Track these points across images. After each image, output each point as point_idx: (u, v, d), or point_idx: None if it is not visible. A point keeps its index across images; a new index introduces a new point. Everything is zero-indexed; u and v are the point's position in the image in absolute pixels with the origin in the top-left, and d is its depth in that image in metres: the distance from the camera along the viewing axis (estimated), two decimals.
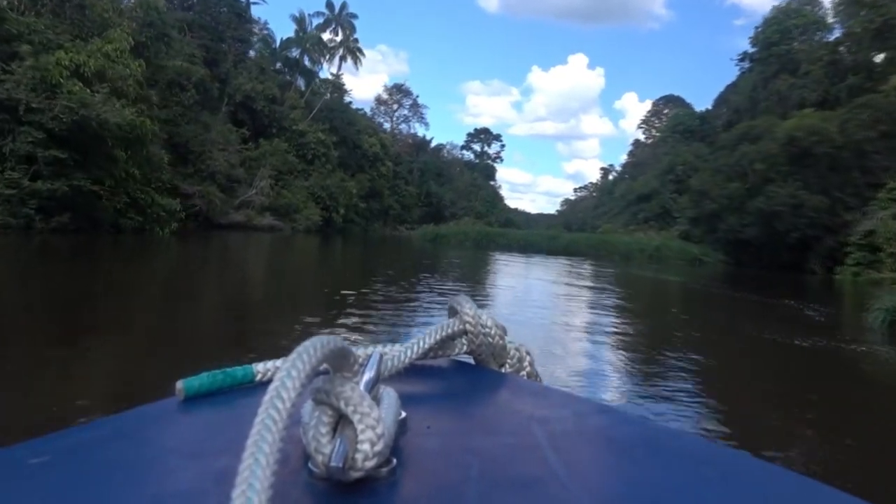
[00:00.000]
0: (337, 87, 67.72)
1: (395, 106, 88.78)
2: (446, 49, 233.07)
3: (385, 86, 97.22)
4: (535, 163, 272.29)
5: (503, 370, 0.80)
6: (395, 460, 0.48)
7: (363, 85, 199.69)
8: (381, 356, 0.57)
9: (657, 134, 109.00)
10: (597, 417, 0.61)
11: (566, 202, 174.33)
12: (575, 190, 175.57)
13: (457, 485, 0.46)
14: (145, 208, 26.04)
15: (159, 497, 0.45)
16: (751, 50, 75.80)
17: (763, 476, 0.49)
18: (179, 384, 0.64)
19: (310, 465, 0.46)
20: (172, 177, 39.71)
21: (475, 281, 19.47)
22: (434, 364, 0.78)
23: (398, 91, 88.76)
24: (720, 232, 45.36)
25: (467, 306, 0.77)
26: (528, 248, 45.99)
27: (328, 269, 21.50)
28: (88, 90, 21.57)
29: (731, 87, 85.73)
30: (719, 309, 16.71)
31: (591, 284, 21.53)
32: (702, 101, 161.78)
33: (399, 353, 0.66)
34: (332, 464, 0.43)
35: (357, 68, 62.69)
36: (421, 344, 0.70)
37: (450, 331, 0.75)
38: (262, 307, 11.12)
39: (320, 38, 60.76)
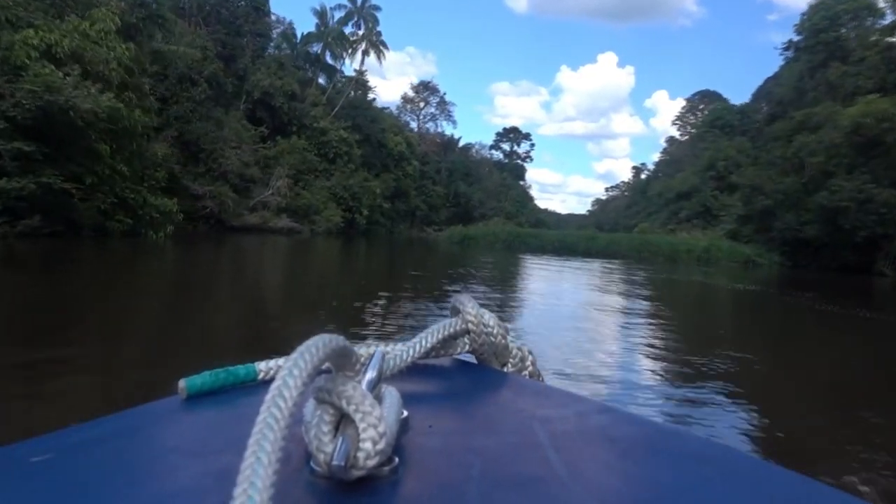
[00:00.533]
0: (361, 84, 64.69)
1: (422, 104, 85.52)
2: (474, 50, 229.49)
3: (411, 84, 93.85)
4: (564, 163, 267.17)
5: (505, 369, 0.80)
6: (396, 459, 0.48)
7: (391, 87, 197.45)
8: (384, 355, 0.57)
9: (692, 130, 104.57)
10: (599, 417, 0.61)
11: (597, 202, 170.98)
12: (606, 189, 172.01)
13: (458, 484, 0.46)
14: (136, 209, 22.95)
15: (161, 495, 0.45)
16: (796, 38, 70.72)
17: (765, 476, 0.49)
18: (182, 383, 0.64)
19: (312, 463, 0.46)
20: (182, 176, 37.05)
21: (507, 289, 16.09)
22: (436, 363, 0.78)
23: (425, 89, 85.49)
24: (775, 231, 40.97)
25: (469, 305, 0.77)
26: (562, 249, 42.24)
27: (344, 277, 18.42)
28: (61, 74, 18.51)
29: (772, 80, 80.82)
30: (807, 329, 12.92)
31: (644, 293, 17.86)
32: (738, 96, 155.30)
33: (401, 352, 0.66)
34: (334, 463, 0.43)
35: (381, 62, 59.54)
36: (423, 343, 0.70)
37: (452, 330, 0.75)
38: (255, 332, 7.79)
39: (342, 32, 57.73)
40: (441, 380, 0.75)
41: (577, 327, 10.22)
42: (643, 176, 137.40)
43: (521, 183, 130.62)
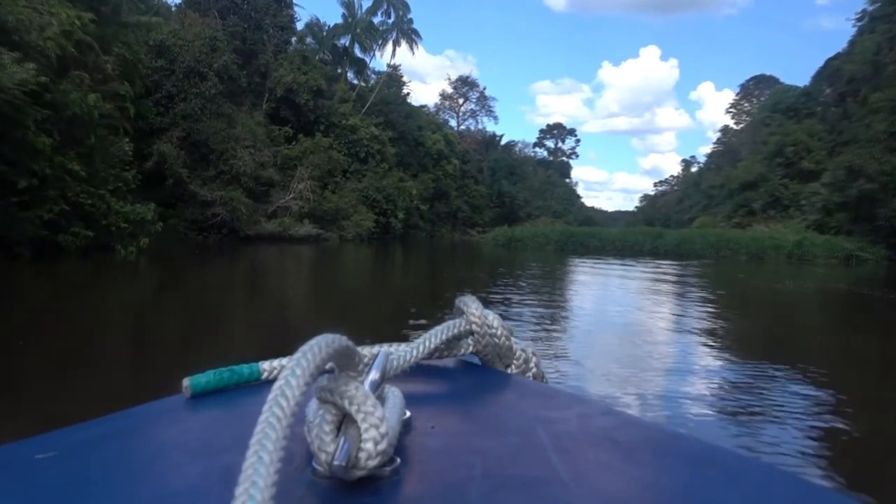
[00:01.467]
0: (395, 79, 59.39)
1: (461, 100, 79.75)
2: (514, 50, 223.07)
3: (448, 78, 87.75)
4: (609, 160, 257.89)
5: (509, 371, 0.79)
6: (398, 460, 0.47)
7: (432, 92, 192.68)
8: (387, 356, 0.57)
9: (747, 118, 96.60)
10: (602, 419, 0.60)
11: (645, 198, 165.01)
12: (655, 185, 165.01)
13: (460, 484, 0.45)
14: (98, 219, 17.84)
15: (164, 493, 0.45)
16: (870, 7, 62.32)
17: (768, 479, 0.48)
18: (186, 381, 0.64)
19: (313, 463, 0.46)
20: (190, 181, 32.23)
21: (572, 307, 10.46)
22: (440, 364, 0.77)
23: (464, 84, 79.68)
24: (880, 219, 33.82)
25: (473, 306, 0.75)
26: (625, 250, 36.02)
27: (369, 294, 13.67)
28: None
29: (835, 59, 72.37)
30: None
31: (774, 312, 11.82)
32: (794, 81, 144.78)
33: (405, 352, 0.65)
34: (336, 463, 0.43)
35: (413, 51, 54.04)
36: (427, 344, 0.69)
37: (456, 331, 0.74)
38: None
39: (371, 22, 52.49)
40: (444, 380, 0.74)
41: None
42: (693, 169, 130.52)
43: (567, 181, 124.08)
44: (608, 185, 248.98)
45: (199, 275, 17.05)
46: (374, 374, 0.52)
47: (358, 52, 53.44)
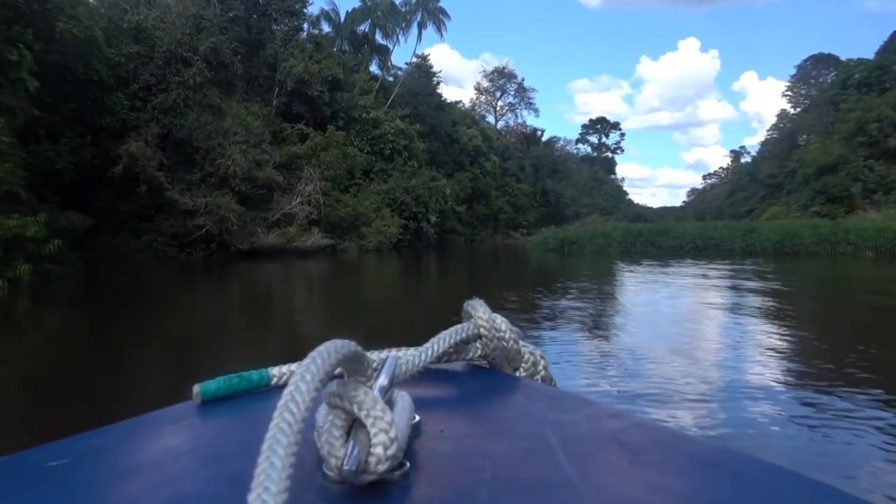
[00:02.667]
0: (423, 69, 52.24)
1: (498, 94, 72.11)
2: (550, 49, 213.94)
3: (483, 70, 79.17)
4: (651, 155, 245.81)
5: (518, 374, 0.77)
6: (408, 464, 0.47)
7: (470, 95, 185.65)
8: (396, 360, 0.57)
9: (806, 101, 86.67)
10: (610, 422, 0.59)
11: (693, 192, 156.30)
12: (704, 178, 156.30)
13: (469, 488, 0.45)
14: None
15: (175, 499, 0.45)
16: None
17: (776, 480, 0.47)
18: (196, 388, 0.63)
19: (324, 468, 0.45)
20: (172, 185, 25.72)
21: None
22: (448, 368, 0.76)
23: (500, 75, 71.93)
24: None
25: (481, 310, 0.74)
26: (708, 249, 28.07)
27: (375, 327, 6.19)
28: None
29: None
30: None
31: None
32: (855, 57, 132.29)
33: (413, 357, 0.64)
34: (346, 467, 0.42)
35: (442, 35, 46.94)
36: (435, 348, 0.68)
37: (464, 335, 0.72)
38: None
39: (392, 3, 45.54)
40: (453, 384, 0.73)
41: None
42: (743, 160, 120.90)
43: (613, 177, 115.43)
44: (651, 181, 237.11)
45: (109, 325, 10.00)
46: (382, 379, 0.51)
47: (380, 39, 46.60)
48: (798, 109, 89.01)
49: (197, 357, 7.01)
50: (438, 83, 49.78)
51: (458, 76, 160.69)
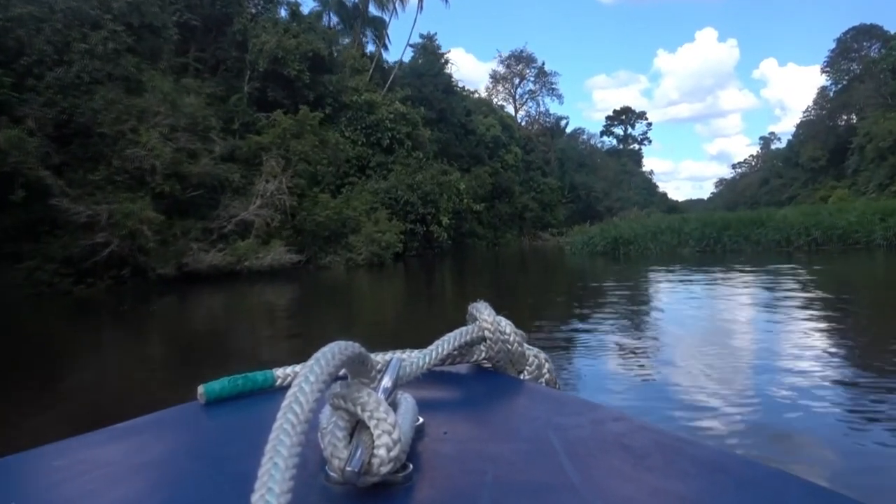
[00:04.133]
0: (430, 51, 43.70)
1: (517, 80, 63.21)
2: (566, 47, 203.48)
3: (499, 56, 69.41)
4: (673, 149, 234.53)
5: (522, 377, 0.75)
6: (411, 466, 0.46)
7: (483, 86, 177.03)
8: (400, 362, 0.56)
9: (846, 77, 76.54)
10: (613, 425, 0.58)
11: (721, 182, 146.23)
12: (733, 167, 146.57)
13: (472, 491, 0.44)
14: None
15: (180, 500, 0.44)
16: None
17: (778, 484, 0.46)
18: (201, 388, 0.62)
19: (327, 469, 0.44)
20: (63, 189, 17.59)
21: None
22: (452, 370, 0.75)
23: (517, 60, 62.98)
24: None
25: (486, 312, 0.72)
26: (830, 242, 19.14)
27: None
28: None
29: None
30: None
31: None
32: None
33: (417, 359, 0.63)
34: (349, 469, 0.41)
35: (447, 2, 38.24)
36: (439, 350, 0.66)
37: (468, 337, 0.71)
38: None
39: None
40: (457, 387, 0.72)
41: None
42: (773, 146, 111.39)
43: (641, 170, 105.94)
44: (675, 174, 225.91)
45: None
46: (386, 381, 0.50)
47: (374, 10, 38.20)
48: (839, 86, 78.97)
49: None
50: (447, 62, 41.17)
51: (475, 78, 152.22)
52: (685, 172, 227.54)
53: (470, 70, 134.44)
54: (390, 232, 25.93)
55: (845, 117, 78.25)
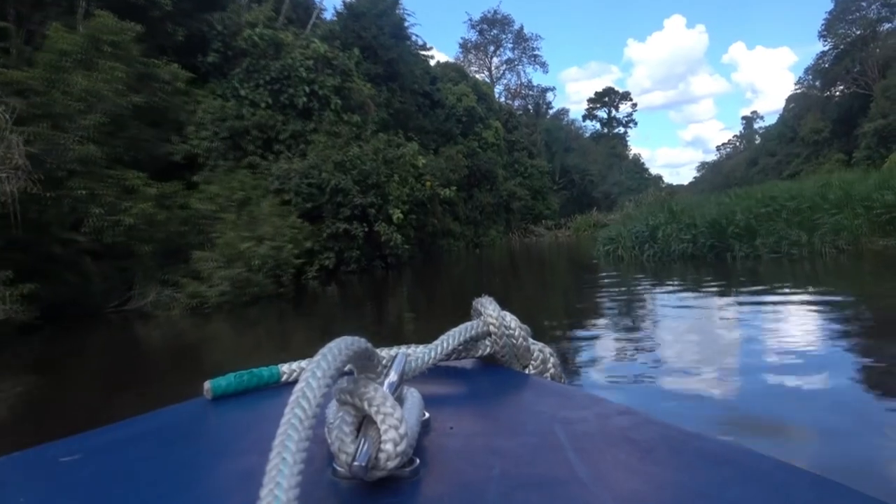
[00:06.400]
0: None
1: (491, 48, 51.22)
2: (536, 41, 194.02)
3: (469, 20, 55.48)
4: (649, 137, 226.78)
5: (527, 371, 0.74)
6: (417, 460, 0.45)
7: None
8: (405, 357, 0.54)
9: (847, 39, 66.85)
10: (619, 419, 0.56)
11: (703, 166, 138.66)
12: (718, 148, 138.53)
13: (479, 485, 0.43)
14: None
15: (187, 495, 0.43)
16: None
17: (786, 477, 0.45)
18: (207, 384, 0.62)
19: (334, 464, 0.43)
20: None
21: None
22: (458, 365, 0.73)
23: (491, 24, 50.93)
24: None
25: (490, 307, 0.71)
26: None
27: None
28: None
29: None
30: None
31: None
32: None
33: (423, 354, 0.61)
34: (356, 463, 0.40)
35: None
36: (444, 345, 0.65)
37: (473, 332, 0.69)
38: None
39: None
40: (463, 381, 0.70)
41: None
42: (756, 125, 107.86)
43: (629, 153, 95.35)
44: (652, 162, 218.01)
45: None
46: (392, 376, 0.48)
47: None
48: (840, 48, 68.87)
49: None
50: (403, 10, 29.09)
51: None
52: (662, 160, 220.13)
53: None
54: (285, 241, 13.80)
55: (842, 87, 69.06)
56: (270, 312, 11.89)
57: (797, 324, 5.80)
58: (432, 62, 36.57)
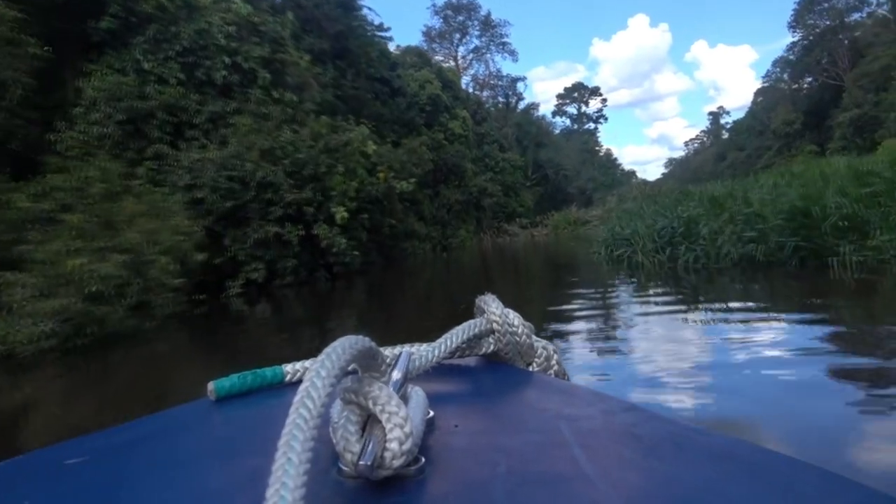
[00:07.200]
0: None
1: (458, 36, 47.38)
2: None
3: (433, 6, 50.16)
4: (615, 135, 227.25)
5: (531, 368, 0.73)
6: (423, 459, 0.44)
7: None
8: (409, 356, 0.54)
9: (816, 30, 66.29)
10: (624, 415, 0.55)
11: (671, 163, 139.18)
12: (686, 144, 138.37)
13: (485, 482, 0.42)
14: None
15: (193, 496, 0.43)
16: None
17: (792, 472, 0.44)
18: (211, 385, 0.61)
19: (339, 463, 0.43)
20: None
21: None
22: (462, 363, 0.72)
23: (456, 10, 47.08)
24: None
25: (494, 305, 0.70)
26: None
27: None
28: None
29: None
30: None
31: None
32: None
33: (427, 352, 0.61)
34: (362, 462, 0.40)
35: None
36: (448, 343, 0.64)
37: (477, 330, 0.69)
38: None
39: None
40: (466, 379, 0.69)
41: None
42: (723, 121, 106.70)
43: (598, 149, 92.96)
44: (619, 159, 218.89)
45: None
46: (396, 375, 0.48)
47: None
48: (809, 39, 67.70)
49: None
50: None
51: None
52: (629, 157, 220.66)
53: None
54: (156, 248, 9.58)
55: (810, 79, 68.28)
56: (144, 352, 7.84)
57: None
58: (391, 46, 32.60)
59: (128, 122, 15.62)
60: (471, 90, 46.67)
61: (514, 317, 0.69)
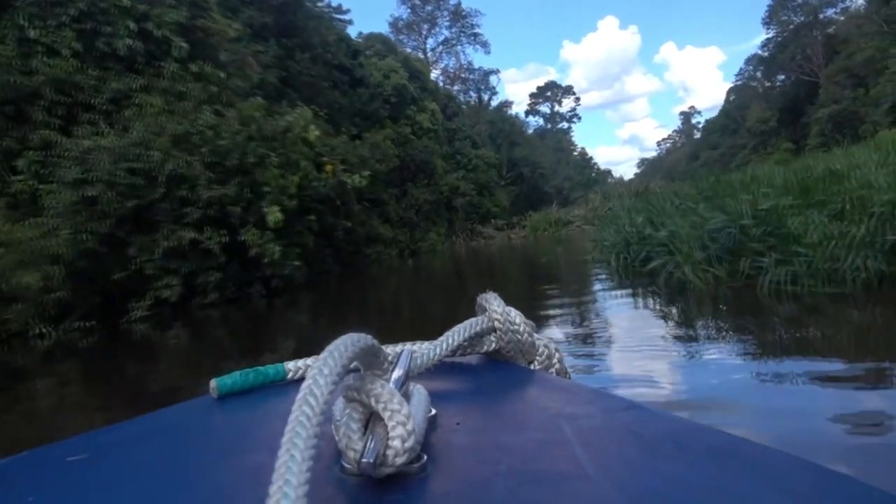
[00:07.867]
0: None
1: (425, 27, 44.32)
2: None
3: None
4: (587, 136, 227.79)
5: (532, 367, 0.72)
6: (425, 457, 0.44)
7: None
8: (411, 354, 0.54)
9: (790, 26, 65.55)
10: (625, 414, 0.55)
11: (643, 163, 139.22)
12: (658, 143, 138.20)
13: (486, 480, 0.42)
14: None
15: (195, 494, 0.43)
16: None
17: (793, 470, 0.44)
18: (213, 383, 0.61)
19: (342, 461, 0.43)
20: None
21: None
22: (463, 361, 0.72)
23: (425, 1, 44.07)
24: None
25: (495, 303, 0.69)
26: None
27: None
28: None
29: None
30: None
31: None
32: None
33: (428, 350, 0.60)
34: (364, 460, 0.40)
35: None
36: (450, 341, 0.64)
37: (478, 328, 0.68)
38: None
39: None
40: (468, 378, 0.69)
41: None
42: (695, 120, 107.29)
43: (573, 148, 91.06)
44: (593, 159, 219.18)
45: None
46: (398, 373, 0.48)
47: None
48: (783, 36, 66.60)
49: None
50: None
51: None
52: (601, 158, 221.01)
53: None
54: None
55: (783, 77, 67.47)
56: None
57: None
58: (353, 32, 29.44)
59: (7, 102, 12.36)
60: (441, 85, 43.72)
61: (515, 315, 0.68)
